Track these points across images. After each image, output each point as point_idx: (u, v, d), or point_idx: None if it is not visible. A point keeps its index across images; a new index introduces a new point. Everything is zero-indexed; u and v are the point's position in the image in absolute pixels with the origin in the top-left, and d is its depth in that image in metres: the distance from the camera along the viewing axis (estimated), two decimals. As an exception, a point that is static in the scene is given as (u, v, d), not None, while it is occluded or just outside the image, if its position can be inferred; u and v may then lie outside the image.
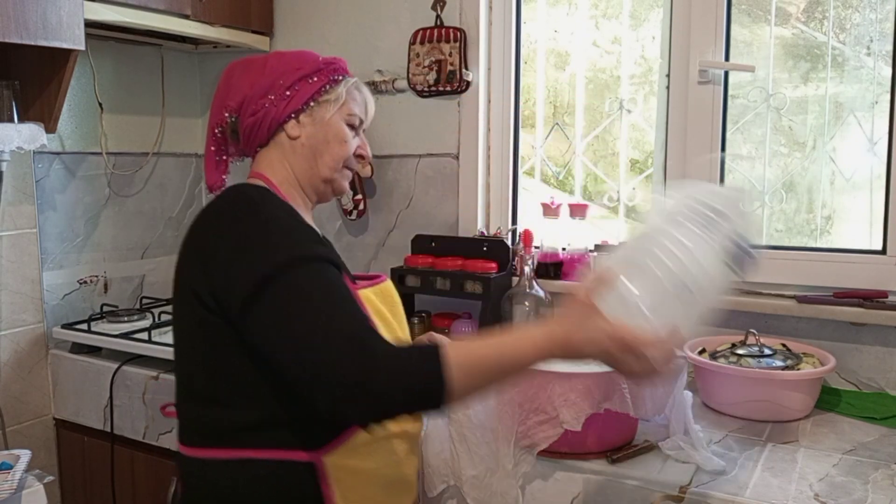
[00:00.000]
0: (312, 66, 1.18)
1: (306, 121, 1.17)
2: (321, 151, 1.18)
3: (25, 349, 2.04)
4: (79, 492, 2.09)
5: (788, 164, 1.81)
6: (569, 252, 1.97)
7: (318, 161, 1.18)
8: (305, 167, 1.18)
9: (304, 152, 1.18)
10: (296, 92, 1.16)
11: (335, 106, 1.18)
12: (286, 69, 1.17)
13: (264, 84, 1.16)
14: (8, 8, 1.60)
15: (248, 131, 1.17)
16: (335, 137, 1.19)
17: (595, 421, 1.28)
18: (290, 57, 1.19)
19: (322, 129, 1.18)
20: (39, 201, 2.05)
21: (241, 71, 1.20)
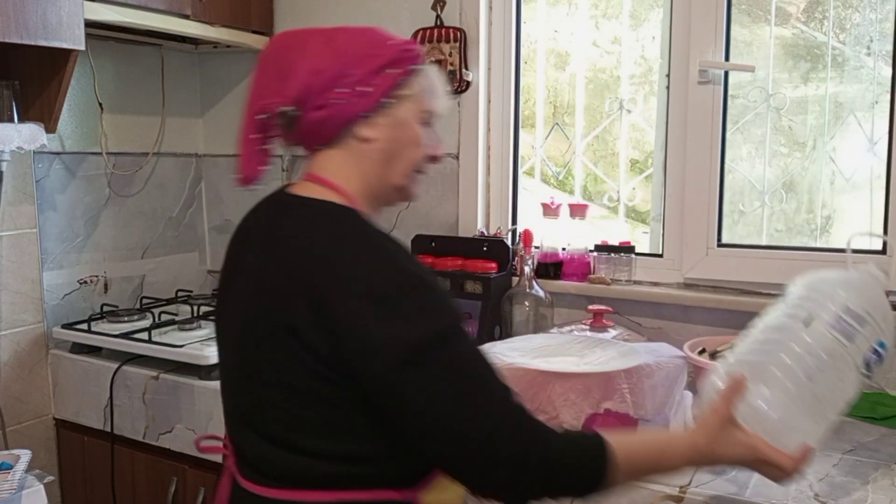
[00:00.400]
0: (389, 53, 1.00)
1: (381, 121, 1.01)
2: (396, 156, 1.03)
3: (25, 349, 2.04)
4: (79, 492, 2.09)
5: (788, 164, 1.81)
6: (569, 252, 1.97)
7: (392, 167, 1.04)
8: (379, 173, 1.03)
9: (377, 157, 1.02)
10: (371, 87, 0.98)
11: (412, 102, 1.03)
12: (357, 55, 0.99)
13: (332, 72, 0.98)
14: (8, 8, 1.60)
15: (312, 127, 1.00)
16: (411, 140, 1.04)
17: (595, 421, 1.28)
18: (361, 38, 1.01)
19: (397, 130, 1.02)
20: (39, 201, 2.05)
21: (300, 51, 1.00)
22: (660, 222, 1.92)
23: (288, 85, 0.99)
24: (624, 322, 1.86)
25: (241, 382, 1.01)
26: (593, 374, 1.26)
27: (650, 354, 1.38)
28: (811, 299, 1.10)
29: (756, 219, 1.86)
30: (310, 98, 0.99)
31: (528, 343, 1.49)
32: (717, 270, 1.81)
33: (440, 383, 0.88)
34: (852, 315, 1.06)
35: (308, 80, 0.98)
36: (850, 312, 1.07)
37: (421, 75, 1.03)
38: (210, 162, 2.52)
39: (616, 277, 1.90)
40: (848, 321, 1.06)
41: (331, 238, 0.94)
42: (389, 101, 1.00)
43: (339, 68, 0.98)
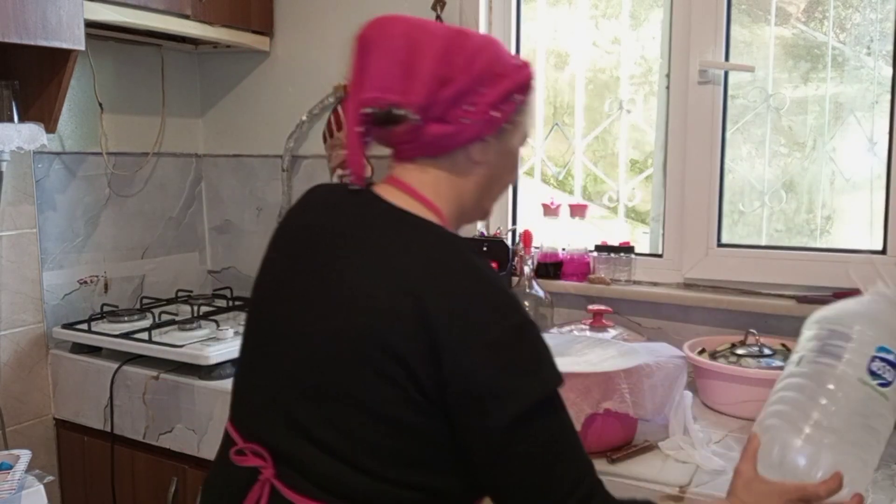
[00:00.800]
0: (516, 76, 0.96)
1: (494, 146, 0.96)
2: (497, 181, 1.01)
3: (25, 349, 2.04)
4: (79, 492, 2.09)
5: (788, 164, 1.81)
6: (568, 252, 1.97)
7: (490, 191, 1.01)
8: (476, 197, 1.00)
9: (480, 181, 0.99)
10: (500, 112, 0.94)
11: (521, 129, 1.00)
12: (489, 72, 0.93)
13: (461, 86, 0.92)
14: (8, 8, 1.60)
15: (429, 140, 0.94)
16: (512, 167, 1.02)
17: (595, 421, 1.28)
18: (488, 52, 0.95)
19: (505, 157, 0.99)
20: (39, 201, 2.05)
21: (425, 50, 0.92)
22: (660, 222, 1.92)
23: (412, 87, 0.91)
24: (624, 322, 1.86)
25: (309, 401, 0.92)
26: (593, 374, 1.26)
27: (650, 354, 1.38)
28: (834, 341, 1.08)
29: (756, 219, 1.86)
30: (433, 108, 0.92)
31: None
32: (716, 270, 1.81)
33: (538, 444, 0.86)
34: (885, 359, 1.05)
35: (435, 89, 0.91)
36: (883, 352, 1.05)
37: (531, 103, 1.00)
38: (210, 162, 2.52)
39: (616, 277, 1.90)
40: (881, 363, 1.05)
41: (449, 272, 0.88)
42: (508, 126, 0.97)
43: (469, 84, 0.92)
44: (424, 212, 0.96)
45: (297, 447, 0.92)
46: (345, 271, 0.92)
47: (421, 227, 0.94)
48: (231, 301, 2.23)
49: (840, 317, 1.09)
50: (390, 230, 0.93)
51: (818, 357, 1.07)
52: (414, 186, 0.97)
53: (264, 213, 2.42)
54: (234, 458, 0.96)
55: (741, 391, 1.49)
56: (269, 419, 0.95)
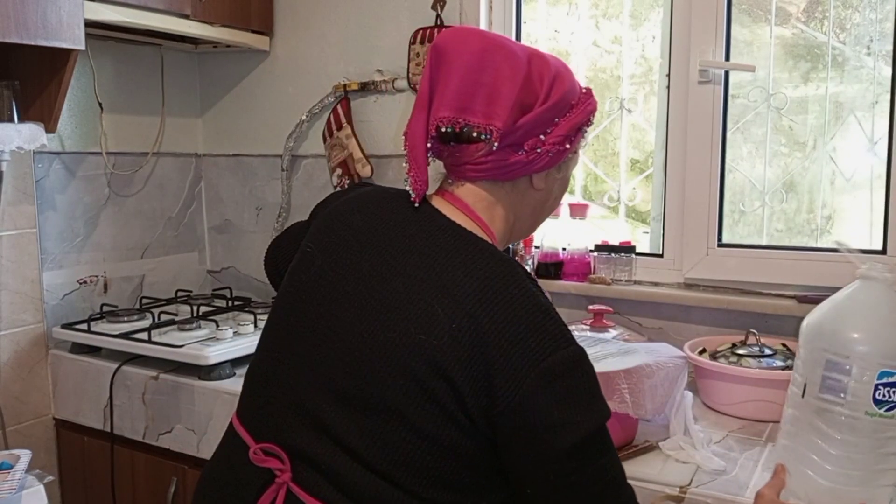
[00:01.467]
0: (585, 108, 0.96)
1: (555, 174, 0.98)
2: (549, 207, 1.02)
3: (25, 349, 2.04)
4: (79, 492, 2.09)
5: (789, 164, 1.81)
6: (569, 252, 1.97)
7: (542, 215, 1.02)
8: (529, 220, 1.01)
9: (535, 205, 0.99)
10: (571, 142, 0.94)
11: (577, 158, 1.01)
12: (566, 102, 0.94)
13: (541, 117, 0.92)
14: (8, 8, 1.60)
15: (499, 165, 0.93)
16: (562, 194, 1.03)
17: (595, 421, 1.28)
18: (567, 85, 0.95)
19: (560, 186, 1.01)
20: (39, 201, 2.05)
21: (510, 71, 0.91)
22: (660, 222, 1.92)
23: (495, 112, 0.90)
24: (624, 322, 1.86)
25: (347, 410, 0.89)
26: (593, 375, 1.26)
27: (650, 354, 1.38)
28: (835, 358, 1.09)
29: (756, 219, 1.85)
30: (511, 135, 0.91)
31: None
32: (717, 270, 1.81)
33: (588, 476, 0.87)
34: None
35: (516, 117, 0.91)
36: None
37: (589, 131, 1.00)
38: (210, 162, 2.52)
39: (616, 277, 1.90)
40: (885, 388, 1.05)
41: (507, 298, 0.86)
42: (572, 156, 0.98)
43: (547, 113, 0.92)
44: (479, 231, 0.95)
45: (325, 453, 0.89)
46: (399, 282, 0.90)
47: (480, 248, 0.91)
48: (230, 301, 2.23)
49: (834, 341, 1.08)
50: (449, 247, 0.91)
51: (822, 394, 1.08)
52: (469, 205, 0.96)
53: (264, 213, 2.41)
54: (252, 458, 0.93)
55: (742, 391, 1.49)
56: (292, 421, 0.92)
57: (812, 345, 1.11)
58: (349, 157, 2.11)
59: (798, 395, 1.11)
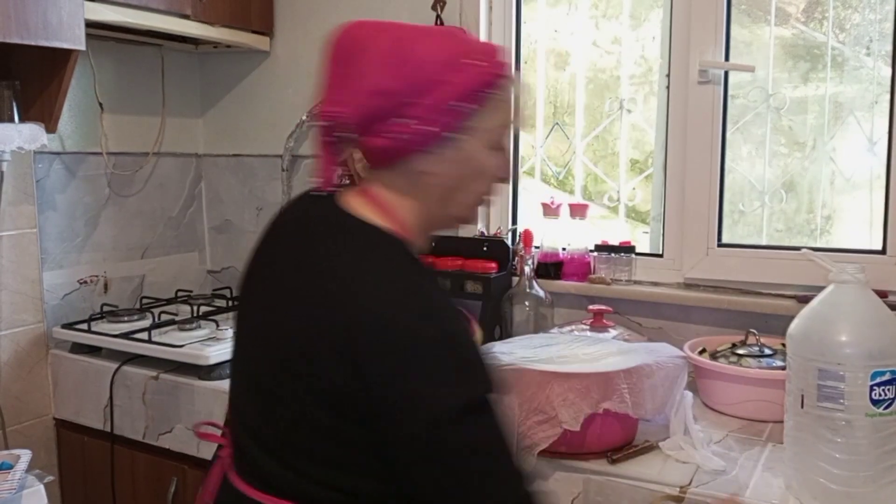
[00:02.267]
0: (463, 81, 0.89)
1: (446, 155, 0.92)
2: (458, 190, 0.96)
3: (25, 349, 2.04)
4: (79, 492, 2.09)
5: (788, 164, 1.82)
6: (569, 252, 1.97)
7: (453, 201, 0.97)
8: (437, 207, 0.96)
9: (437, 192, 0.95)
10: (439, 123, 0.89)
11: (479, 134, 0.93)
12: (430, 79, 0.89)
13: (398, 98, 0.88)
14: (8, 8, 1.60)
15: (372, 152, 0.93)
16: (477, 173, 0.95)
17: (595, 421, 1.28)
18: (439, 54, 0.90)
19: (464, 164, 0.94)
20: (39, 201, 2.05)
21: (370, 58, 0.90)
22: (660, 222, 1.92)
23: (349, 99, 0.91)
24: (624, 322, 1.86)
25: (252, 395, 0.96)
26: (592, 374, 1.26)
27: (650, 354, 1.38)
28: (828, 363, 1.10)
29: (756, 219, 1.86)
30: (370, 122, 0.90)
31: (527, 343, 1.49)
32: (717, 270, 1.81)
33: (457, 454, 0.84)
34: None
35: (369, 102, 0.89)
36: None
37: (499, 100, 0.93)
38: (210, 162, 2.52)
39: (616, 277, 1.90)
40: (880, 388, 1.07)
41: (377, 280, 0.87)
42: (457, 135, 0.91)
43: (407, 95, 0.88)
44: (382, 219, 0.94)
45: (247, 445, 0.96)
46: (284, 274, 0.94)
47: (361, 234, 0.92)
48: (231, 301, 2.23)
49: (822, 349, 1.10)
50: (329, 236, 0.93)
51: (820, 402, 1.09)
52: (376, 195, 0.96)
53: (264, 213, 2.41)
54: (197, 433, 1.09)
55: (742, 391, 1.49)
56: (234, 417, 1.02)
57: (801, 355, 1.12)
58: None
59: (797, 406, 1.12)
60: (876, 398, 1.06)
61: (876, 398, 1.06)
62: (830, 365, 1.08)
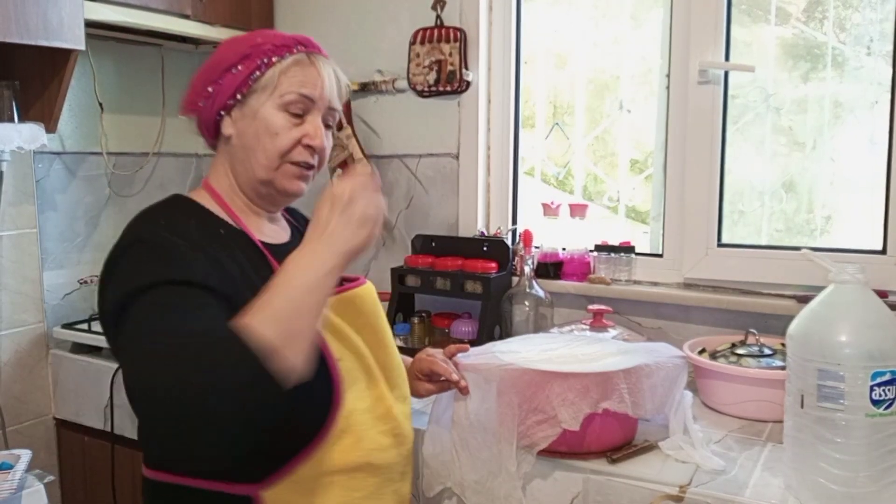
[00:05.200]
0: (238, 52, 1.05)
1: (237, 115, 1.06)
2: (252, 149, 1.05)
3: (26, 349, 2.04)
4: (79, 492, 2.09)
5: (788, 164, 1.81)
6: (569, 252, 1.97)
7: (251, 160, 1.05)
8: (241, 169, 1.07)
9: (237, 153, 1.07)
10: (219, 87, 1.05)
11: (266, 94, 1.04)
12: (214, 61, 1.07)
13: (193, 83, 1.08)
14: (8, 8, 1.60)
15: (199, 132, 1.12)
16: (265, 131, 1.04)
17: (594, 421, 1.28)
18: (225, 45, 1.08)
19: (251, 123, 1.04)
20: (40, 201, 2.05)
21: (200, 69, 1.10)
22: (660, 222, 1.92)
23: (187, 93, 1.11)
24: (624, 322, 1.86)
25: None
26: (592, 374, 1.26)
27: (650, 354, 1.38)
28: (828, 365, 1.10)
29: (756, 219, 1.86)
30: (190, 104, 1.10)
31: (527, 343, 1.49)
32: (717, 270, 1.81)
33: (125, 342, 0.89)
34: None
35: (189, 87, 1.09)
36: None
37: (279, 64, 1.04)
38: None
39: (616, 277, 1.90)
40: (880, 388, 1.07)
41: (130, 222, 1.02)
42: (242, 97, 1.05)
43: (206, 74, 1.07)
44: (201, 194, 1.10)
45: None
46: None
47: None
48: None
49: (822, 349, 1.10)
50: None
51: (820, 403, 1.10)
52: (206, 176, 1.14)
53: (264, 213, 2.41)
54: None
55: (741, 391, 1.49)
56: None
57: (801, 356, 1.12)
58: (349, 158, 2.11)
59: (797, 406, 1.12)
60: (876, 398, 1.06)
61: (876, 398, 1.06)
62: (830, 365, 1.08)
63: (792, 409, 1.15)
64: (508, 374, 1.28)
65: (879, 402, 1.06)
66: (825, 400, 1.08)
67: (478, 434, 1.32)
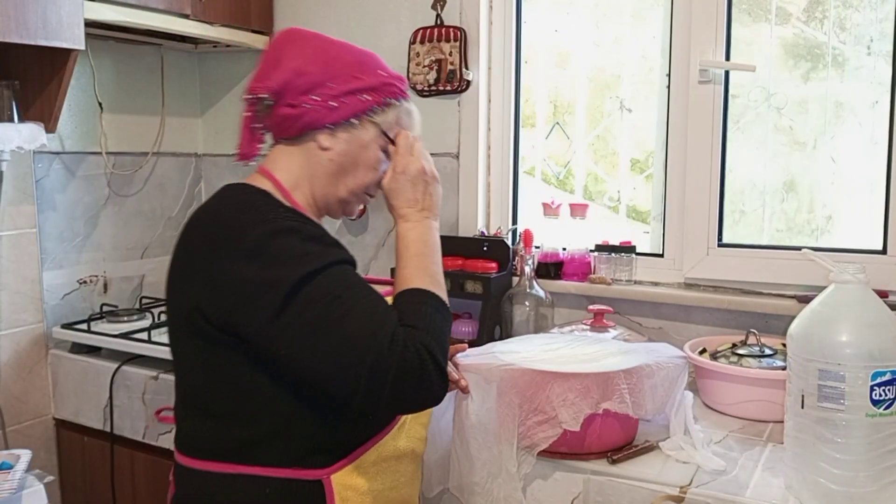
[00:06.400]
0: (371, 80, 1.08)
1: (343, 136, 1.08)
2: (347, 172, 1.10)
3: (25, 349, 2.04)
4: (79, 492, 2.09)
5: (789, 164, 1.81)
6: (569, 252, 1.97)
7: (341, 181, 1.11)
8: (325, 182, 1.10)
9: (328, 167, 1.09)
10: (342, 104, 1.06)
11: (377, 130, 1.10)
12: (342, 72, 1.07)
13: (312, 79, 1.06)
14: (8, 8, 1.60)
15: (279, 120, 1.08)
16: (366, 163, 1.11)
17: (595, 421, 1.28)
18: (354, 59, 1.09)
19: (356, 150, 1.09)
20: (39, 201, 2.05)
21: (295, 50, 1.08)
22: (660, 222, 1.92)
23: (273, 76, 1.07)
24: (624, 322, 1.86)
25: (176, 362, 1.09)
26: (592, 375, 1.26)
27: (650, 354, 1.37)
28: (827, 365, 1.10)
29: (757, 218, 1.85)
30: (286, 95, 1.06)
31: (527, 343, 1.49)
32: (717, 270, 1.81)
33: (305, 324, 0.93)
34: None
35: (289, 78, 1.06)
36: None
37: (396, 109, 1.12)
38: (210, 161, 2.52)
39: (616, 277, 1.90)
40: (880, 388, 1.07)
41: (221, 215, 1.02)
42: (357, 121, 1.08)
43: (321, 77, 1.06)
44: (265, 183, 1.09)
45: (177, 411, 1.10)
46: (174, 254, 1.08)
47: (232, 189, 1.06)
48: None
49: (823, 349, 1.10)
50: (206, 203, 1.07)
51: (821, 403, 1.10)
52: (267, 166, 1.12)
53: (264, 213, 2.41)
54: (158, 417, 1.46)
55: (742, 391, 1.49)
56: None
57: (801, 355, 1.12)
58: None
59: (798, 406, 1.12)
60: (876, 398, 1.06)
61: (876, 398, 1.06)
62: (831, 365, 1.08)
63: (792, 410, 1.15)
64: (509, 375, 1.28)
65: (879, 402, 1.06)
66: (826, 400, 1.08)
67: (478, 435, 1.32)
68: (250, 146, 1.13)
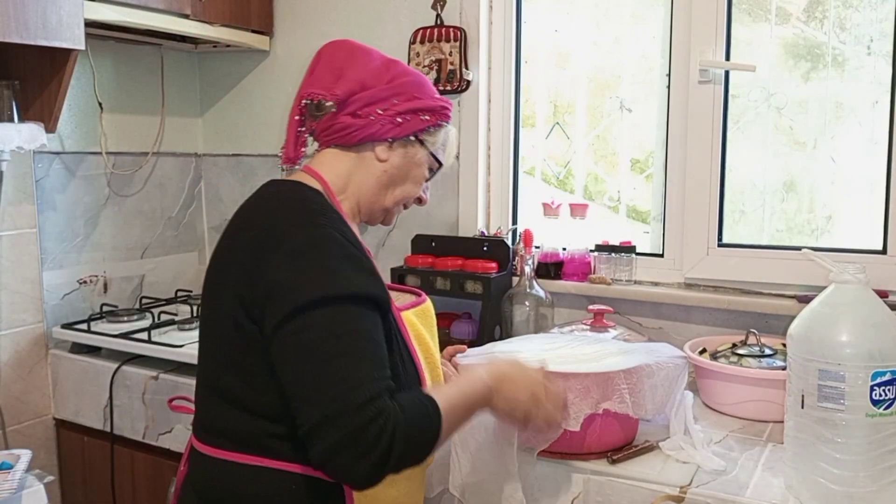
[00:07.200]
0: (430, 102, 1.16)
1: (399, 151, 1.15)
2: (396, 185, 1.17)
3: (25, 349, 2.04)
4: (79, 492, 2.09)
5: (789, 164, 1.81)
6: (569, 252, 1.97)
7: (389, 192, 1.17)
8: (374, 191, 1.16)
9: (381, 178, 1.15)
10: (406, 121, 1.13)
11: (426, 150, 1.17)
12: (406, 91, 1.14)
13: (380, 93, 1.12)
14: (8, 8, 1.60)
15: (339, 128, 1.12)
16: (414, 178, 1.18)
17: (595, 421, 1.28)
18: (414, 80, 1.16)
19: (408, 165, 1.16)
20: (39, 201, 2.05)
21: (362, 62, 1.14)
22: (660, 222, 1.92)
23: (338, 85, 1.11)
24: (624, 322, 1.86)
25: (206, 351, 1.10)
26: (592, 375, 1.26)
27: (650, 354, 1.37)
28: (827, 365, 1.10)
29: (757, 218, 1.85)
30: (350, 104, 1.11)
31: (528, 343, 1.49)
32: (717, 270, 1.81)
33: (299, 347, 0.93)
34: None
35: (356, 88, 1.11)
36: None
37: (445, 131, 1.20)
38: (209, 161, 2.52)
39: (616, 277, 1.90)
40: (880, 388, 1.07)
41: (272, 206, 1.05)
42: (413, 139, 1.15)
43: (386, 93, 1.12)
44: (312, 182, 1.11)
45: (199, 396, 1.12)
46: (218, 244, 1.11)
47: (282, 187, 1.09)
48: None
49: (823, 349, 1.10)
50: (254, 198, 1.10)
51: (821, 403, 1.10)
52: (314, 167, 1.15)
53: (264, 213, 2.41)
54: (170, 405, 1.41)
55: (742, 391, 1.49)
56: (197, 384, 1.14)
57: (801, 355, 1.12)
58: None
59: (798, 406, 1.12)
60: (876, 398, 1.06)
61: (876, 398, 1.06)
62: (831, 365, 1.08)
63: (792, 410, 1.15)
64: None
65: (879, 402, 1.06)
66: (826, 400, 1.09)
67: (478, 435, 1.32)
68: (296, 149, 1.16)
